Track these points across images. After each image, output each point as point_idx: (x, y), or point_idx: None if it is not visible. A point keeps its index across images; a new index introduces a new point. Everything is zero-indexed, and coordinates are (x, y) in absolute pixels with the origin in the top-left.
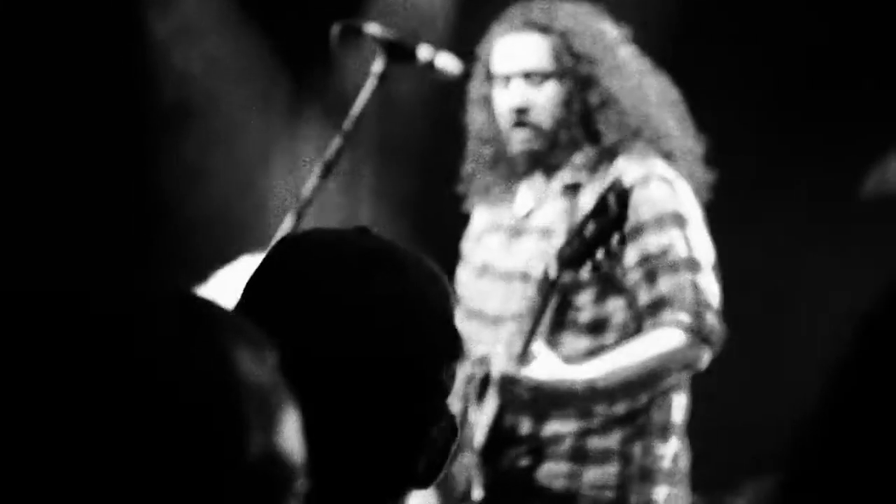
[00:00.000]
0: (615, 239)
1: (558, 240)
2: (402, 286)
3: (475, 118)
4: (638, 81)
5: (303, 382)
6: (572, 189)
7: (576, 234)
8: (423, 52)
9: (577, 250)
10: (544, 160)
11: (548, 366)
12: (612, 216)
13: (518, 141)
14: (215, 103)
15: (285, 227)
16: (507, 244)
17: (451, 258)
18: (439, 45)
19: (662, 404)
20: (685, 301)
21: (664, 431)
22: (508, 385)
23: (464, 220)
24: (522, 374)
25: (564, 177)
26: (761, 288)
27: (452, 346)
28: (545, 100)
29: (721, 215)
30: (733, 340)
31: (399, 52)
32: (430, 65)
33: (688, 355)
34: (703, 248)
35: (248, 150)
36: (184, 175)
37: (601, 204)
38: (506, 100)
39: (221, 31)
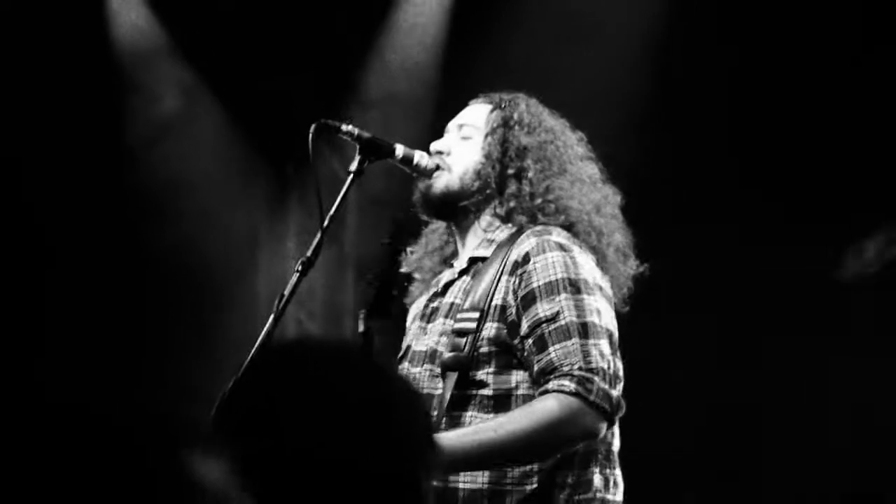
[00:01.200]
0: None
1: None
2: (387, 396)
3: None
4: (561, 167)
5: (289, 479)
6: (479, 262)
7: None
8: (400, 149)
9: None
10: (453, 210)
11: None
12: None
13: (427, 179)
14: (201, 197)
15: (267, 324)
16: (424, 325)
17: None
18: (416, 143)
19: (581, 481)
20: (573, 366)
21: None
22: None
23: None
24: None
25: (477, 252)
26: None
27: (431, 456)
28: (464, 149)
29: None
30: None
31: (376, 150)
32: (406, 161)
33: (575, 422)
34: (597, 315)
35: (234, 243)
36: (168, 266)
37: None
38: (432, 145)
39: (205, 129)
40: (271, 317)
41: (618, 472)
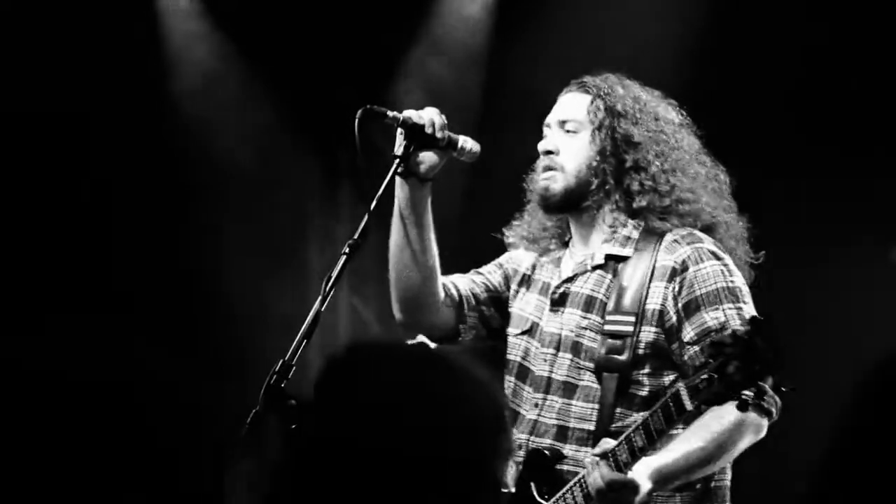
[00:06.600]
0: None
1: (598, 315)
2: (459, 391)
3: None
4: (678, 157)
5: (366, 474)
6: (615, 260)
7: (638, 431)
8: (444, 134)
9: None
10: (575, 207)
11: (646, 469)
12: (666, 423)
13: (542, 178)
14: (252, 182)
15: (315, 307)
16: (553, 307)
17: None
18: (462, 128)
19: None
20: None
21: (717, 496)
22: (616, 491)
23: None
24: (628, 480)
25: (608, 248)
26: None
27: (504, 446)
28: (573, 146)
29: None
30: None
31: (420, 135)
32: (451, 145)
33: (758, 430)
34: None
35: (285, 229)
36: (217, 249)
37: (665, 410)
38: (540, 144)
39: (254, 114)
40: (319, 298)
41: None
